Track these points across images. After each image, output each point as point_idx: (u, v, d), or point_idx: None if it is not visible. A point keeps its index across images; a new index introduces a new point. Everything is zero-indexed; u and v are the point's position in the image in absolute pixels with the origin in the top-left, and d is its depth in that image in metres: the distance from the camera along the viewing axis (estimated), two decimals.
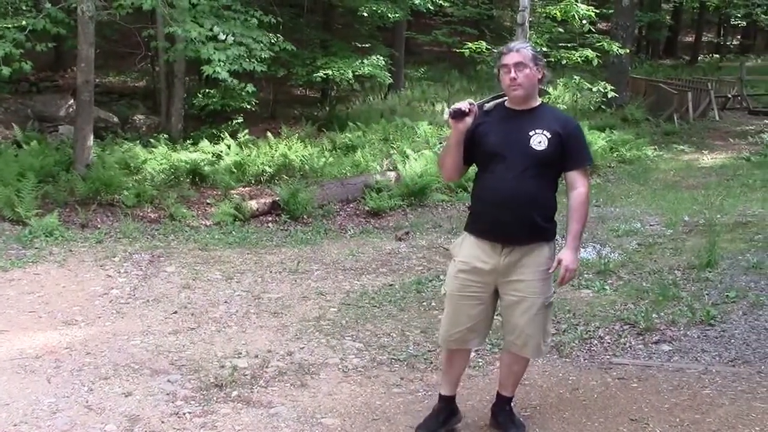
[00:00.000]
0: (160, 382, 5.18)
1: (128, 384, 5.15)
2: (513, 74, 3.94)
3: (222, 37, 10.50)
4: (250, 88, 12.02)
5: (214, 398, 4.93)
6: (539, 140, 3.94)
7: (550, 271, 4.06)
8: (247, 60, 12.05)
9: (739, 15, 34.57)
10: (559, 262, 4.01)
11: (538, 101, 4.11)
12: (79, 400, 4.87)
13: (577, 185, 4.05)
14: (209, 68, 10.97)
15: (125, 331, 6.19)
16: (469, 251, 4.10)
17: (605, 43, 17.28)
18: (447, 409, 4.39)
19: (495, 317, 4.35)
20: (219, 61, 10.73)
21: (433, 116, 17.95)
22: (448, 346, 4.29)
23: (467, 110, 3.95)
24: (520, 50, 3.99)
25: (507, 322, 4.18)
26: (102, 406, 4.78)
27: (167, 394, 4.99)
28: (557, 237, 4.15)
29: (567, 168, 4.06)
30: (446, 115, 4.00)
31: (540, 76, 4.04)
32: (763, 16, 31.25)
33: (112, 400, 4.88)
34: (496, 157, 3.99)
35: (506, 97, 4.09)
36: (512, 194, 3.93)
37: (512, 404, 4.48)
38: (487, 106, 4.11)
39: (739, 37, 41.98)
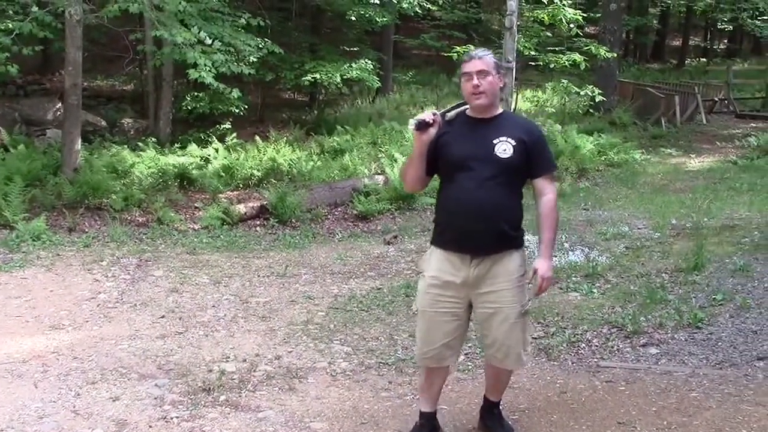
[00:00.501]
0: (148, 387, 5.17)
1: (115, 388, 5.13)
2: (476, 82, 3.89)
3: (208, 41, 10.47)
4: (236, 93, 12.01)
5: (202, 402, 4.92)
6: (504, 148, 3.89)
7: (527, 280, 4.01)
8: (236, 63, 12.03)
9: (725, 19, 34.84)
10: (535, 271, 3.97)
11: (500, 109, 4.07)
12: (66, 404, 4.86)
13: (545, 192, 4.02)
14: (194, 72, 10.95)
15: (113, 336, 6.17)
16: (439, 265, 4.03)
17: (593, 47, 17.38)
18: (429, 425, 4.34)
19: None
20: (205, 65, 10.71)
21: None
22: (425, 364, 4.23)
23: (431, 121, 3.91)
24: (483, 58, 3.95)
25: (485, 335, 4.11)
26: (89, 411, 4.76)
27: (155, 398, 4.98)
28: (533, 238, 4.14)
29: (534, 175, 4.02)
30: (411, 127, 3.93)
31: (501, 85, 4.01)
32: (749, 20, 31.41)
33: (100, 404, 4.87)
34: (461, 166, 3.93)
35: (468, 106, 4.04)
36: (478, 204, 3.87)
37: (500, 407, 4.47)
38: (449, 115, 4.06)
39: (725, 41, 42.21)
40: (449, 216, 4.01)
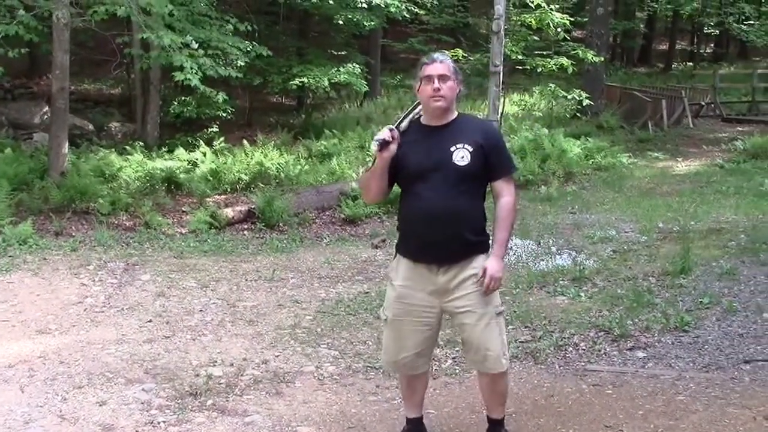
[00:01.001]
0: (135, 391, 5.15)
1: (102, 393, 5.11)
2: (437, 85, 3.86)
3: (194, 45, 10.46)
4: (221, 96, 12.01)
5: (189, 407, 4.90)
6: (462, 155, 3.86)
7: (476, 281, 3.92)
8: (223, 67, 12.02)
9: (712, 23, 35.04)
10: (485, 271, 3.90)
11: (455, 114, 4.03)
12: (52, 409, 4.84)
13: (503, 194, 3.98)
14: (180, 74, 10.93)
15: (99, 340, 6.15)
16: (406, 275, 4.01)
17: (580, 51, 17.41)
18: (416, 430, 4.33)
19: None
20: (191, 68, 10.70)
21: None
22: (401, 372, 4.22)
23: (390, 138, 3.90)
24: (444, 62, 3.94)
25: (463, 340, 4.08)
26: (76, 416, 4.74)
27: (142, 403, 4.96)
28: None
29: (492, 177, 3.98)
30: (374, 147, 3.92)
31: (458, 90, 3.99)
32: (735, 24, 31.59)
33: (86, 409, 4.85)
34: (419, 176, 3.90)
35: (419, 109, 4.03)
36: (439, 214, 3.84)
37: (505, 427, 4.33)
38: (402, 125, 4.02)
39: (712, 45, 42.41)
40: (412, 226, 3.99)
